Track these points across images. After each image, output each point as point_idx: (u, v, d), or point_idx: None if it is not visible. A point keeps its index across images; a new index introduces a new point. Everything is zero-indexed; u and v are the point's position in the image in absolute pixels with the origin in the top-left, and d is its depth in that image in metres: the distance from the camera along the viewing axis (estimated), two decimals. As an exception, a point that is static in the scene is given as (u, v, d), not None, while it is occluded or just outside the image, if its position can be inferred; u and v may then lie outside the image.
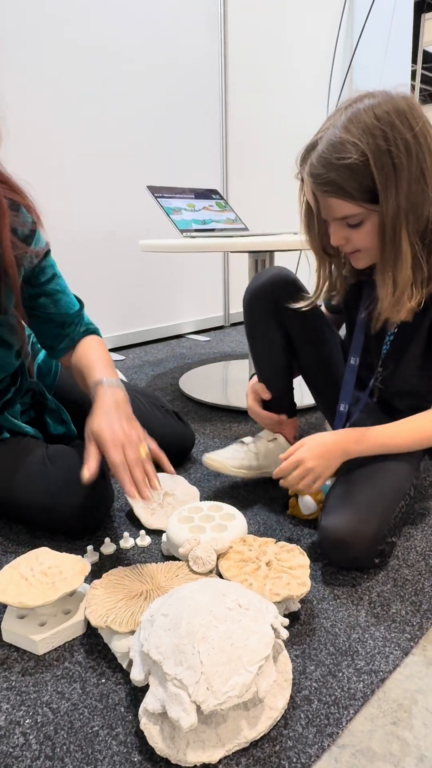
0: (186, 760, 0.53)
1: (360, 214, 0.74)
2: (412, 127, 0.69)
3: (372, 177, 0.70)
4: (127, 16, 2.00)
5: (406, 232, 0.73)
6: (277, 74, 2.62)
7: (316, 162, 0.72)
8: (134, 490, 0.73)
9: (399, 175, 0.70)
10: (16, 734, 0.57)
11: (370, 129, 0.68)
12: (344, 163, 0.69)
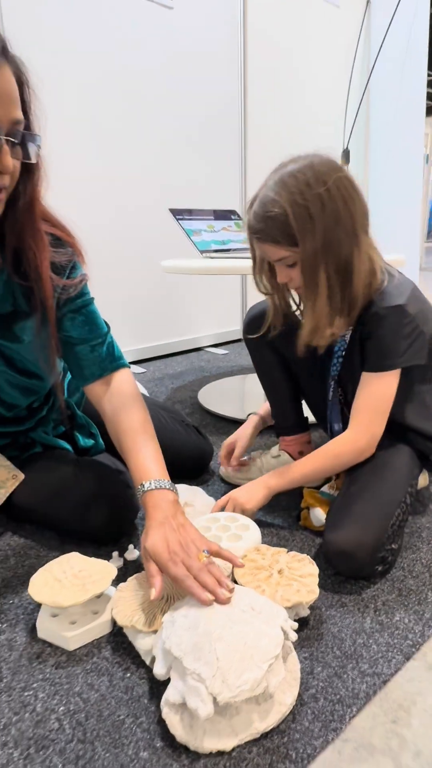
0: (203, 747, 0.59)
1: (290, 256, 0.86)
2: (325, 183, 0.82)
3: (292, 227, 0.83)
4: (152, 45, 2.10)
5: (324, 270, 0.85)
6: (295, 95, 2.69)
7: (251, 217, 0.88)
8: (208, 595, 0.66)
9: (314, 223, 0.83)
10: (52, 720, 0.64)
11: (289, 188, 0.83)
12: (270, 215, 0.84)
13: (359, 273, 0.87)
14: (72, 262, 0.94)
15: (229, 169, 2.50)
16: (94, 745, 0.61)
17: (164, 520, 0.76)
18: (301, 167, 0.84)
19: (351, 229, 0.85)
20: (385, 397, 0.91)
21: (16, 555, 0.96)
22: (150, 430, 0.90)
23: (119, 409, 0.92)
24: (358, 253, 0.86)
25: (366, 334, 0.92)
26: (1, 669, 0.71)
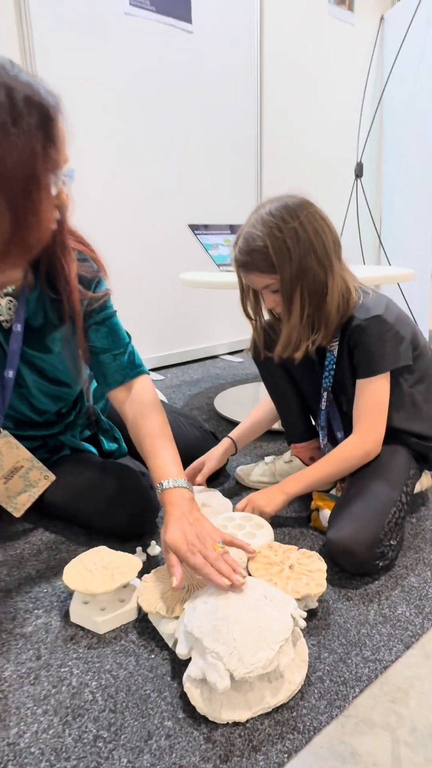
0: (220, 718, 0.66)
1: (273, 283, 0.97)
2: (298, 217, 0.95)
3: (272, 257, 0.94)
4: (173, 67, 2.20)
5: (299, 294, 0.96)
6: (310, 111, 2.77)
7: (237, 252, 1.00)
8: (224, 580, 0.74)
9: (290, 254, 0.94)
10: (86, 692, 0.72)
11: (268, 224, 0.95)
12: (253, 249, 0.96)
13: (332, 294, 0.98)
14: (97, 277, 1.02)
15: (245, 184, 2.58)
16: (124, 714, 0.68)
17: (181, 516, 0.84)
18: (277, 206, 0.96)
19: (324, 256, 0.96)
20: (381, 399, 1.01)
21: (48, 549, 1.04)
22: (168, 434, 0.98)
23: (140, 415, 1.00)
24: (332, 277, 0.97)
25: (353, 345, 1.02)
26: (39, 649, 0.79)
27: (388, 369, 1.00)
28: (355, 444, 1.02)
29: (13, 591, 0.92)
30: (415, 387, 1.06)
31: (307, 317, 0.99)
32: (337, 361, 1.06)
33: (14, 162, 0.73)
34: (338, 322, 1.01)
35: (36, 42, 1.81)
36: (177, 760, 0.63)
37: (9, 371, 0.99)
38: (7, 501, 1.06)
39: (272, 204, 0.97)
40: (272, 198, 0.99)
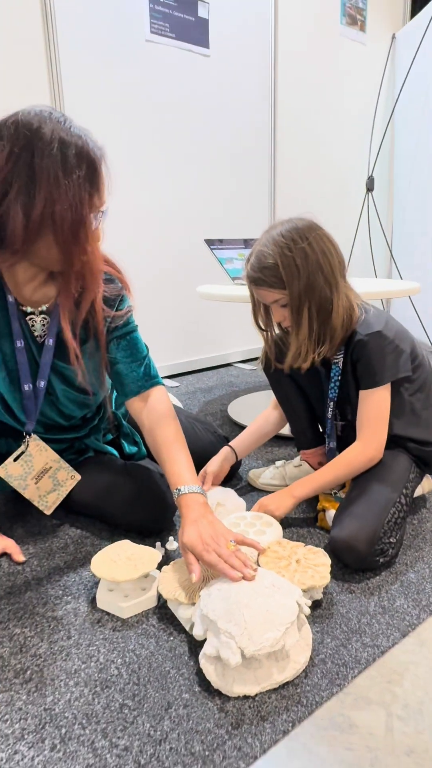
0: (232, 691, 0.74)
1: (282, 298, 1.05)
2: (306, 239, 1.03)
3: (282, 274, 1.03)
4: (190, 88, 2.31)
5: (307, 309, 1.04)
6: (323, 128, 2.86)
7: (249, 269, 1.08)
8: (237, 574, 0.82)
9: (299, 271, 1.03)
10: (112, 668, 0.80)
11: (279, 244, 1.03)
12: (264, 266, 1.04)
13: (337, 310, 1.06)
14: (120, 295, 1.12)
15: (259, 200, 2.68)
16: (146, 687, 0.77)
17: (197, 519, 0.92)
18: (288, 228, 1.05)
19: (330, 275, 1.05)
20: (382, 409, 1.09)
21: (74, 543, 1.13)
22: (182, 441, 1.05)
23: (155, 424, 1.07)
24: (337, 294, 1.06)
25: (356, 358, 1.10)
26: (69, 630, 0.88)
27: (389, 380, 1.07)
28: (359, 450, 1.10)
29: (44, 579, 1.01)
30: (414, 395, 1.14)
31: (314, 331, 1.07)
32: (341, 373, 1.14)
33: (64, 208, 0.85)
34: (342, 337, 1.09)
35: (63, 67, 1.93)
36: (194, 725, 0.71)
37: (41, 381, 1.09)
38: (38, 500, 1.16)
39: (283, 226, 1.06)
40: (283, 220, 1.08)
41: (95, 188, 0.88)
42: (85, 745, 0.68)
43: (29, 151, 0.84)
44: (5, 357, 1.04)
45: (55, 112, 0.89)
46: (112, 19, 2.03)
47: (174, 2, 2.15)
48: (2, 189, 0.85)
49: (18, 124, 0.86)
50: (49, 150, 0.84)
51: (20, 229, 0.86)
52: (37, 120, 0.86)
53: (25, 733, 0.70)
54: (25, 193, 0.85)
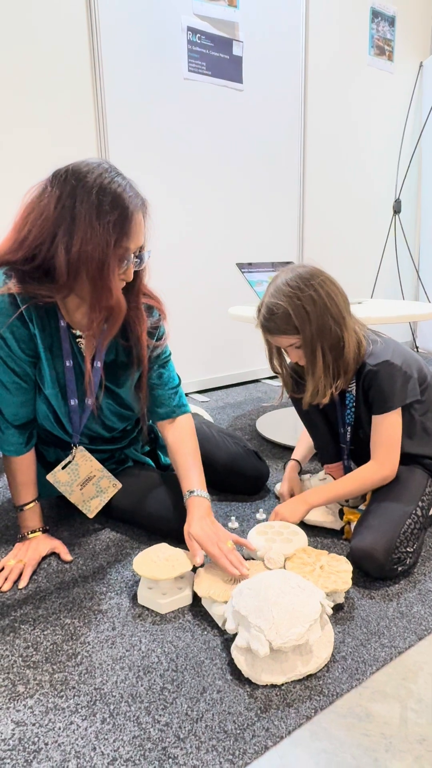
0: (261, 680, 0.83)
1: (296, 341, 1.14)
2: (312, 286, 1.11)
3: (294, 320, 1.11)
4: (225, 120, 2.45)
5: (320, 349, 1.13)
6: (351, 153, 2.96)
7: (262, 319, 1.16)
8: (234, 569, 0.99)
9: (309, 316, 1.11)
10: (153, 656, 0.90)
11: (286, 293, 1.12)
12: (276, 316, 1.13)
13: (349, 345, 1.14)
14: (160, 326, 1.25)
15: (288, 225, 2.79)
16: (184, 674, 0.86)
17: (203, 517, 1.10)
18: (292, 277, 1.13)
19: (338, 315, 1.13)
20: (394, 432, 1.17)
21: (115, 545, 1.24)
22: (198, 457, 1.22)
23: (179, 441, 1.24)
24: (346, 331, 1.14)
25: (367, 387, 1.18)
26: (114, 622, 0.98)
27: (399, 406, 1.16)
28: (374, 470, 1.18)
29: (89, 577, 1.12)
30: (425, 416, 1.22)
31: (329, 368, 1.15)
32: (355, 400, 1.23)
33: (93, 248, 0.99)
34: (354, 368, 1.18)
35: (108, 106, 2.09)
36: (226, 708, 0.79)
37: (89, 399, 1.21)
38: (83, 504, 1.27)
39: (287, 275, 1.14)
40: (285, 269, 1.17)
41: (124, 233, 1.01)
42: (131, 720, 0.78)
43: (73, 197, 0.98)
44: (58, 375, 1.17)
45: (105, 163, 1.03)
46: (154, 60, 2.19)
47: (210, 42, 2.30)
48: (53, 230, 1.00)
49: (68, 173, 1.00)
50: (88, 196, 0.98)
51: (63, 266, 1.01)
52: (86, 170, 1.00)
53: (79, 708, 0.80)
54: (67, 234, 0.99)
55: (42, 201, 1.00)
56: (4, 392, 1.14)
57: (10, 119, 1.91)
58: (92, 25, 2.02)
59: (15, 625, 0.98)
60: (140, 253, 1.08)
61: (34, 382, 1.17)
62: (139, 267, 1.10)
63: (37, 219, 1.00)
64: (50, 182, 1.01)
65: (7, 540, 1.27)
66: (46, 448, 1.31)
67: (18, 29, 1.87)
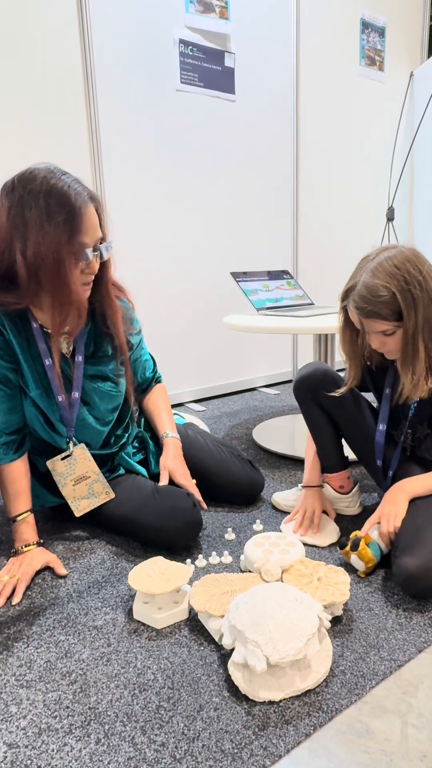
0: (259, 696, 0.81)
1: (391, 328, 1.07)
2: (421, 271, 1.03)
3: (399, 306, 1.03)
4: (218, 130, 2.46)
5: (422, 340, 1.06)
6: (344, 162, 2.98)
7: (358, 299, 1.06)
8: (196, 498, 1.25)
9: (416, 303, 1.03)
10: (148, 673, 0.88)
11: (394, 275, 1.03)
12: (378, 298, 1.04)
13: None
14: (131, 314, 1.34)
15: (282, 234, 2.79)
16: (180, 691, 0.84)
17: (177, 455, 1.36)
18: (400, 259, 1.03)
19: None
20: None
21: (111, 559, 1.22)
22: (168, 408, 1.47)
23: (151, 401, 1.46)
24: None
25: None
26: (109, 638, 0.97)
27: None
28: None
29: (84, 592, 1.10)
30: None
31: (429, 360, 1.07)
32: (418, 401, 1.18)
33: (47, 248, 1.03)
34: None
35: (101, 116, 2.10)
36: (223, 726, 0.78)
37: (74, 393, 1.23)
38: (72, 500, 1.28)
39: (392, 255, 1.04)
40: (385, 247, 1.07)
41: (76, 230, 1.04)
42: (126, 740, 0.76)
43: (21, 205, 1.03)
44: (39, 376, 1.19)
45: (51, 166, 1.07)
46: (146, 72, 2.20)
47: (203, 54, 2.32)
48: (9, 240, 1.04)
49: (15, 183, 1.04)
50: (36, 201, 1.02)
51: (23, 271, 1.05)
52: (31, 176, 1.04)
53: (73, 728, 0.78)
54: (21, 240, 1.03)
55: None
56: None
57: (4, 132, 1.91)
58: (85, 38, 2.03)
59: (8, 643, 0.96)
60: (100, 245, 1.11)
61: (18, 388, 1.21)
62: (103, 260, 1.14)
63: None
64: (1, 195, 1.05)
65: (0, 554, 1.25)
66: (38, 459, 1.31)
67: (11, 43, 1.88)
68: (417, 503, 1.13)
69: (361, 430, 1.30)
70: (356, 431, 1.32)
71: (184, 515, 1.23)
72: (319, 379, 1.30)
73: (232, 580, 1.04)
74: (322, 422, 1.34)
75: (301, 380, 1.34)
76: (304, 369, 1.35)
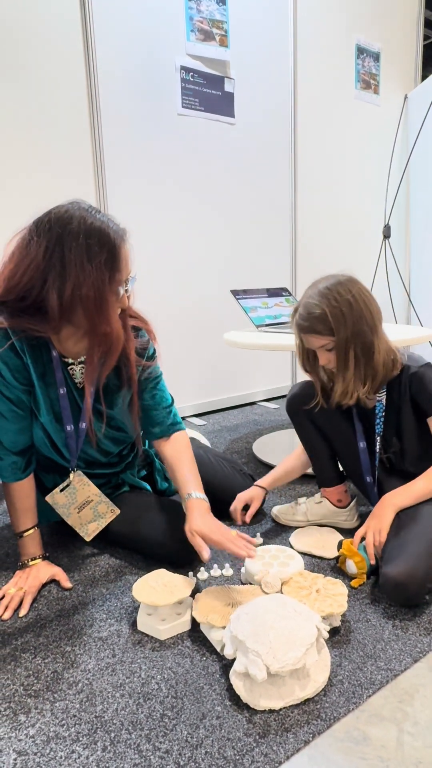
0: (259, 705, 0.84)
1: (328, 343, 1.17)
2: (350, 292, 1.16)
3: (330, 322, 1.14)
4: (217, 152, 2.53)
5: (353, 352, 1.16)
6: (341, 183, 3.05)
7: (299, 319, 1.19)
8: (244, 552, 1.07)
9: (345, 320, 1.15)
10: (152, 683, 0.91)
11: (325, 296, 1.16)
12: (313, 315, 1.16)
13: (379, 352, 1.18)
14: (149, 347, 1.29)
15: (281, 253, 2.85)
16: (183, 700, 0.87)
17: (203, 514, 1.16)
18: (333, 282, 1.18)
19: (371, 323, 1.17)
20: None
21: (114, 572, 1.25)
22: (194, 466, 1.27)
23: (176, 454, 1.29)
24: (378, 339, 1.18)
25: (415, 391, 1.22)
26: (114, 649, 0.99)
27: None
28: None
29: (89, 604, 1.13)
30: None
31: (360, 371, 1.18)
32: (386, 409, 1.26)
33: (88, 288, 1.04)
34: (383, 378, 1.22)
35: (105, 140, 2.17)
36: (225, 734, 0.81)
37: (82, 423, 1.24)
38: (80, 527, 1.29)
39: (327, 281, 1.19)
40: (326, 276, 1.21)
41: (116, 269, 1.07)
42: (131, 748, 0.79)
43: (60, 245, 1.03)
44: (52, 402, 1.21)
45: (82, 203, 1.08)
46: (149, 98, 2.27)
47: (203, 80, 2.40)
48: (42, 278, 1.05)
49: (51, 222, 1.04)
50: (76, 243, 1.03)
51: (56, 308, 1.06)
52: (67, 216, 1.04)
53: (80, 736, 0.81)
54: (59, 280, 1.04)
55: (30, 250, 1.04)
56: (2, 420, 1.17)
57: (11, 156, 1.98)
58: (90, 66, 2.10)
59: (16, 654, 0.99)
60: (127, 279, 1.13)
61: (29, 410, 1.22)
62: (128, 293, 1.16)
63: (28, 267, 1.04)
64: (34, 232, 1.05)
65: (7, 567, 1.28)
66: (44, 475, 1.34)
67: (20, 70, 1.96)
68: (400, 515, 1.18)
69: (348, 447, 1.35)
70: (344, 447, 1.36)
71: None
72: (309, 396, 1.35)
73: (233, 592, 1.07)
74: (315, 438, 1.39)
75: (293, 399, 1.40)
76: (294, 388, 1.41)
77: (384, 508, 1.18)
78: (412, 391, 1.22)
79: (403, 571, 1.03)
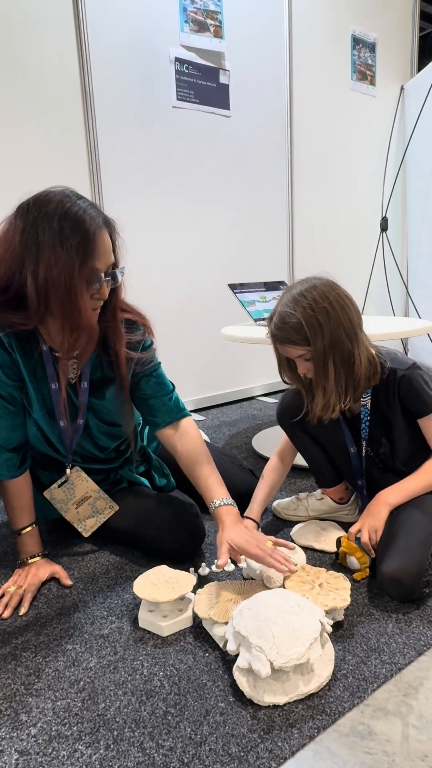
0: (263, 700, 0.83)
1: (306, 353, 1.12)
2: (327, 299, 1.09)
3: (305, 331, 1.08)
4: (213, 145, 2.51)
5: (332, 362, 1.11)
6: (337, 175, 3.04)
7: (273, 328, 1.14)
8: (284, 568, 1.01)
9: (322, 328, 1.08)
10: (155, 680, 0.90)
11: (301, 304, 1.09)
12: (288, 325, 1.10)
13: (360, 361, 1.12)
14: (144, 339, 1.26)
15: (278, 246, 2.84)
16: (186, 697, 0.86)
17: (235, 523, 1.10)
18: (308, 288, 1.11)
19: (350, 330, 1.10)
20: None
21: (115, 569, 1.24)
22: (213, 465, 1.22)
23: (190, 449, 1.23)
24: (358, 347, 1.12)
25: (404, 395, 1.18)
26: (115, 646, 0.99)
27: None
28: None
29: (90, 602, 1.12)
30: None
31: (341, 383, 1.13)
32: (371, 413, 1.23)
33: (59, 272, 1.02)
34: (366, 386, 1.17)
35: (99, 133, 2.15)
36: (229, 730, 0.80)
37: (80, 420, 1.23)
38: (78, 523, 1.29)
39: (303, 286, 1.12)
40: (302, 280, 1.14)
41: (88, 255, 1.03)
42: (135, 746, 0.78)
43: (35, 227, 1.01)
44: (44, 398, 1.20)
45: (67, 190, 1.06)
46: (143, 90, 2.25)
47: (198, 72, 2.38)
48: (20, 261, 1.03)
49: (30, 205, 1.03)
50: (50, 224, 1.01)
51: (33, 293, 1.04)
52: (46, 199, 1.03)
53: (82, 735, 0.80)
54: (34, 263, 1.02)
55: (8, 235, 1.03)
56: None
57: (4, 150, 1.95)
58: (83, 59, 2.08)
59: (16, 653, 0.98)
60: (112, 270, 1.10)
61: (22, 406, 1.20)
62: (114, 285, 1.12)
63: (6, 253, 1.03)
64: (15, 216, 1.04)
65: (6, 566, 1.27)
66: (41, 472, 1.33)
67: (12, 62, 1.93)
68: (393, 513, 1.17)
69: (340, 452, 1.34)
70: (336, 452, 1.35)
71: (187, 525, 1.25)
72: (297, 409, 1.31)
73: (235, 587, 1.07)
74: (309, 445, 1.37)
75: (282, 413, 1.37)
76: (283, 400, 1.38)
77: (378, 507, 1.17)
78: (401, 394, 1.18)
79: (397, 567, 1.03)
